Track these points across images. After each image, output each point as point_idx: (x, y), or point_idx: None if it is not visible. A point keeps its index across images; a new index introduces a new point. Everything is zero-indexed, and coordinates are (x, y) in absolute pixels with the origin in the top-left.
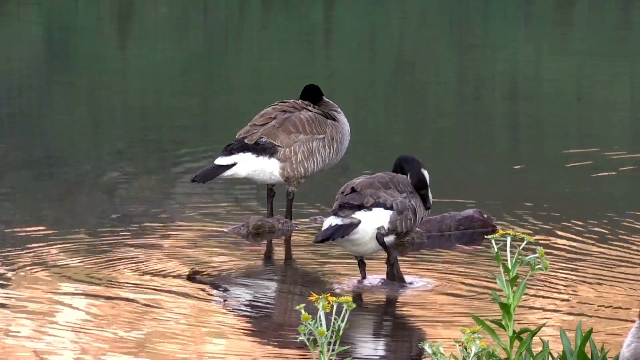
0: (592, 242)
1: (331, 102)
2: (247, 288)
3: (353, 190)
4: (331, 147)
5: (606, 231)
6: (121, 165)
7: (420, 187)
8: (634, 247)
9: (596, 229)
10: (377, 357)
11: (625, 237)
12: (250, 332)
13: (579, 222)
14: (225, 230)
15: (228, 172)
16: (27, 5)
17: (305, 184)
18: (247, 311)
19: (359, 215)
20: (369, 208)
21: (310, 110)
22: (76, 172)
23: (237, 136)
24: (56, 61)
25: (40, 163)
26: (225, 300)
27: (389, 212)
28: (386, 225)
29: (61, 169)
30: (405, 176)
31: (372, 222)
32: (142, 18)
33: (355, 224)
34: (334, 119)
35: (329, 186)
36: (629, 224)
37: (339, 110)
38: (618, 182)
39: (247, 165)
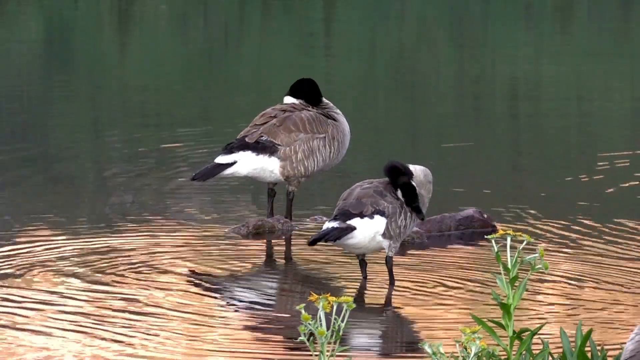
0: (593, 242)
1: (330, 103)
2: (247, 288)
3: (353, 198)
4: (332, 147)
5: (607, 231)
6: (121, 165)
7: (409, 201)
8: (635, 247)
9: (596, 228)
10: (377, 357)
11: (625, 237)
12: (250, 332)
13: (579, 221)
14: (225, 230)
15: (228, 171)
16: (27, 5)
17: (305, 184)
18: (247, 311)
19: (355, 221)
20: (368, 216)
21: (310, 110)
22: (76, 172)
23: (237, 137)
24: (56, 61)
25: (40, 162)
26: (225, 300)
27: (386, 219)
28: (381, 231)
29: (61, 169)
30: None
31: (369, 228)
32: (142, 18)
33: (351, 229)
34: (333, 119)
35: (329, 187)
36: (629, 224)
37: (338, 111)
38: (619, 182)
39: (247, 163)
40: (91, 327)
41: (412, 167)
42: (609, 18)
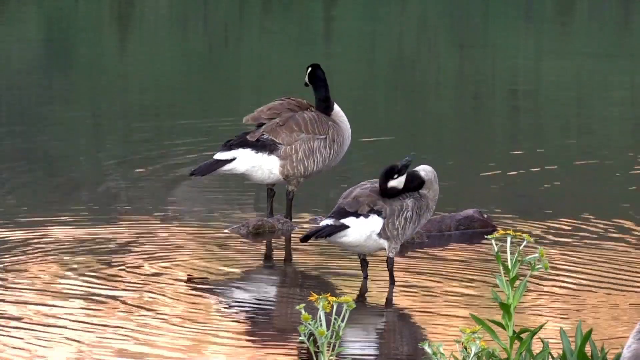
0: (593, 241)
1: (340, 111)
2: (247, 288)
3: (352, 197)
4: (331, 148)
5: (607, 231)
6: (120, 164)
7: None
8: (634, 248)
9: (596, 228)
10: (377, 357)
11: (625, 237)
12: (250, 332)
13: (579, 222)
14: (225, 230)
15: (227, 167)
16: (27, 5)
17: (305, 184)
18: (246, 311)
19: (349, 220)
20: (364, 215)
21: (312, 111)
22: (76, 172)
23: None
24: (56, 61)
25: (40, 163)
26: (224, 300)
27: (382, 220)
28: (377, 231)
29: (61, 169)
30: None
31: (363, 227)
32: (142, 17)
33: (344, 227)
34: (334, 121)
35: (329, 187)
36: (629, 224)
37: (344, 119)
38: (619, 182)
39: (246, 160)
40: (89, 326)
41: (421, 169)
42: (609, 17)
